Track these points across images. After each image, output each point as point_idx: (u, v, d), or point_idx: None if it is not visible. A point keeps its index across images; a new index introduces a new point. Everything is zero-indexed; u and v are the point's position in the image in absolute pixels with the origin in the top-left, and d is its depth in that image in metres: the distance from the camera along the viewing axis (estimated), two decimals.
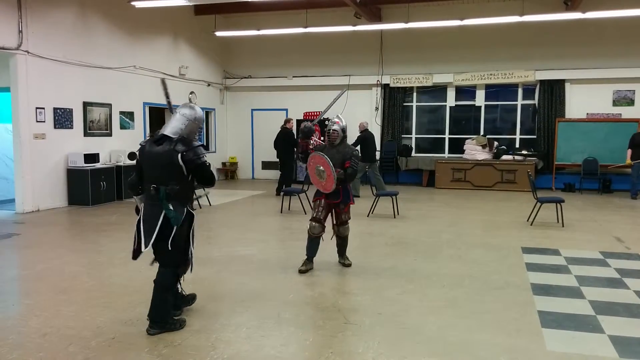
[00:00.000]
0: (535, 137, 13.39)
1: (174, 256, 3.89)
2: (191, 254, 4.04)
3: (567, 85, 12.95)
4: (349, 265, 5.72)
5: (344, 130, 5.59)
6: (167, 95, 4.19)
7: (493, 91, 13.78)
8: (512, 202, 10.80)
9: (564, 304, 4.54)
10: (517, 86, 13.54)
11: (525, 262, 5.96)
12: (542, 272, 5.54)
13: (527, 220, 8.36)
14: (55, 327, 3.97)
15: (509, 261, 6.02)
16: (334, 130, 5.54)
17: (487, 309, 4.44)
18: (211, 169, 4.08)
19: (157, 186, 3.79)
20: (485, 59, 13.36)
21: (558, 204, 8.29)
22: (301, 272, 5.46)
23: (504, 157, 13.00)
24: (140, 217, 3.90)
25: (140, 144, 3.99)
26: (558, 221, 8.22)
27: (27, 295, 4.97)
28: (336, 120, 5.60)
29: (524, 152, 13.09)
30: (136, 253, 3.93)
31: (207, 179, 3.99)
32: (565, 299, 4.68)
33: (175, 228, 3.80)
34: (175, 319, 3.99)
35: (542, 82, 13.08)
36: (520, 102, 13.65)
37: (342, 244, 5.79)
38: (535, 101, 13.38)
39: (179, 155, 3.77)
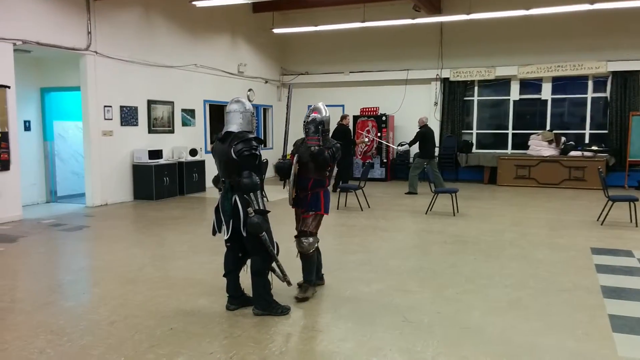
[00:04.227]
0: (606, 132, 12.70)
1: (255, 244, 4.01)
2: (273, 242, 4.11)
3: None
4: (303, 299, 4.40)
5: (322, 123, 4.50)
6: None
7: (560, 84, 13.17)
8: (581, 200, 10.29)
9: (637, 308, 4.27)
10: (587, 78, 12.87)
11: (594, 263, 5.65)
12: (614, 274, 5.24)
13: (597, 220, 7.94)
14: (122, 316, 4.14)
15: (577, 262, 5.73)
16: (307, 123, 4.51)
17: (553, 312, 4.24)
18: (265, 164, 4.14)
19: (225, 179, 4.07)
20: (552, 50, 12.78)
21: (631, 203, 7.82)
22: (298, 299, 4.42)
23: (572, 153, 12.39)
24: (217, 205, 4.18)
25: (212, 142, 4.21)
26: (631, 221, 7.75)
27: (96, 284, 5.20)
28: (314, 110, 4.55)
29: (594, 147, 12.42)
30: (214, 232, 4.27)
31: (252, 171, 3.94)
32: (639, 303, 4.39)
33: (242, 217, 3.94)
34: (279, 304, 4.13)
35: (614, 73, 12.37)
36: (590, 95, 12.97)
37: (304, 264, 4.55)
38: (607, 94, 12.67)
39: (232, 148, 3.93)
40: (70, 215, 8.85)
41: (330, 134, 11.86)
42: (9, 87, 8.08)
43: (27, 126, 9.95)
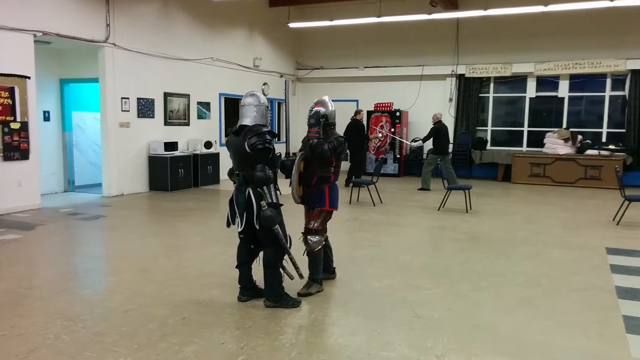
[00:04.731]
0: (624, 131, 12.52)
1: (268, 236, 4.05)
2: (286, 235, 4.13)
3: None
4: (305, 295, 4.36)
5: (324, 116, 4.40)
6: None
7: (578, 82, 13.01)
8: (597, 199, 10.18)
9: None
10: (606, 76, 12.69)
11: (609, 263, 5.60)
12: (629, 275, 5.18)
13: (613, 220, 7.85)
14: (136, 304, 4.21)
15: (591, 262, 5.68)
16: (309, 117, 4.42)
17: (565, 311, 4.22)
18: (278, 158, 4.17)
19: (239, 172, 4.12)
20: (570, 47, 12.62)
21: None
22: (300, 295, 4.37)
23: (589, 151, 12.26)
24: (231, 197, 4.23)
25: (226, 135, 4.23)
26: None
27: (112, 273, 5.29)
28: (318, 103, 4.48)
29: (611, 146, 12.27)
30: (228, 223, 4.32)
31: (266, 164, 3.98)
32: None
33: (256, 209, 3.99)
34: (290, 296, 4.19)
35: (633, 71, 12.17)
36: (608, 93, 12.79)
37: (310, 262, 4.51)
38: (626, 92, 12.48)
39: (246, 142, 3.97)
40: (87, 205, 8.97)
41: (344, 129, 11.67)
42: (29, 78, 8.21)
43: (46, 116, 10.10)
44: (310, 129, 4.38)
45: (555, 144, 12.61)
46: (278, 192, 4.10)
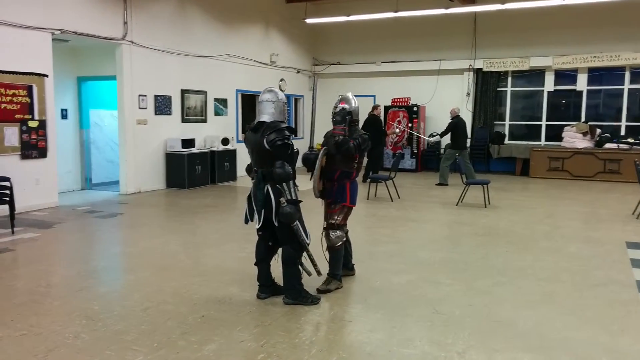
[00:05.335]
0: None
1: (287, 233, 4.05)
2: (304, 231, 4.12)
3: None
4: (325, 291, 4.37)
5: (349, 113, 4.44)
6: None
7: (596, 75, 12.80)
8: (616, 193, 10.02)
9: None
10: (624, 69, 12.47)
11: (630, 257, 5.51)
12: None
13: (633, 214, 7.72)
14: (155, 302, 4.22)
15: (612, 256, 5.60)
16: (335, 114, 4.45)
17: (587, 306, 4.16)
18: (296, 154, 4.16)
19: (257, 169, 4.09)
20: (588, 40, 12.41)
21: None
22: (319, 291, 4.38)
23: (608, 145, 12.07)
24: (249, 194, 4.21)
25: (244, 132, 4.23)
26: None
27: (130, 271, 5.33)
28: (342, 101, 4.50)
29: (630, 140, 12.07)
30: (246, 220, 4.30)
31: (285, 160, 3.99)
32: None
33: (274, 206, 3.97)
34: (309, 293, 4.18)
35: None
36: (627, 86, 12.57)
37: (331, 257, 4.50)
38: None
39: (264, 138, 3.95)
40: (105, 203, 9.06)
41: (362, 124, 11.65)
42: (47, 76, 8.29)
43: (64, 114, 10.20)
44: (335, 126, 4.40)
45: (574, 138, 12.43)
46: (297, 188, 4.09)
